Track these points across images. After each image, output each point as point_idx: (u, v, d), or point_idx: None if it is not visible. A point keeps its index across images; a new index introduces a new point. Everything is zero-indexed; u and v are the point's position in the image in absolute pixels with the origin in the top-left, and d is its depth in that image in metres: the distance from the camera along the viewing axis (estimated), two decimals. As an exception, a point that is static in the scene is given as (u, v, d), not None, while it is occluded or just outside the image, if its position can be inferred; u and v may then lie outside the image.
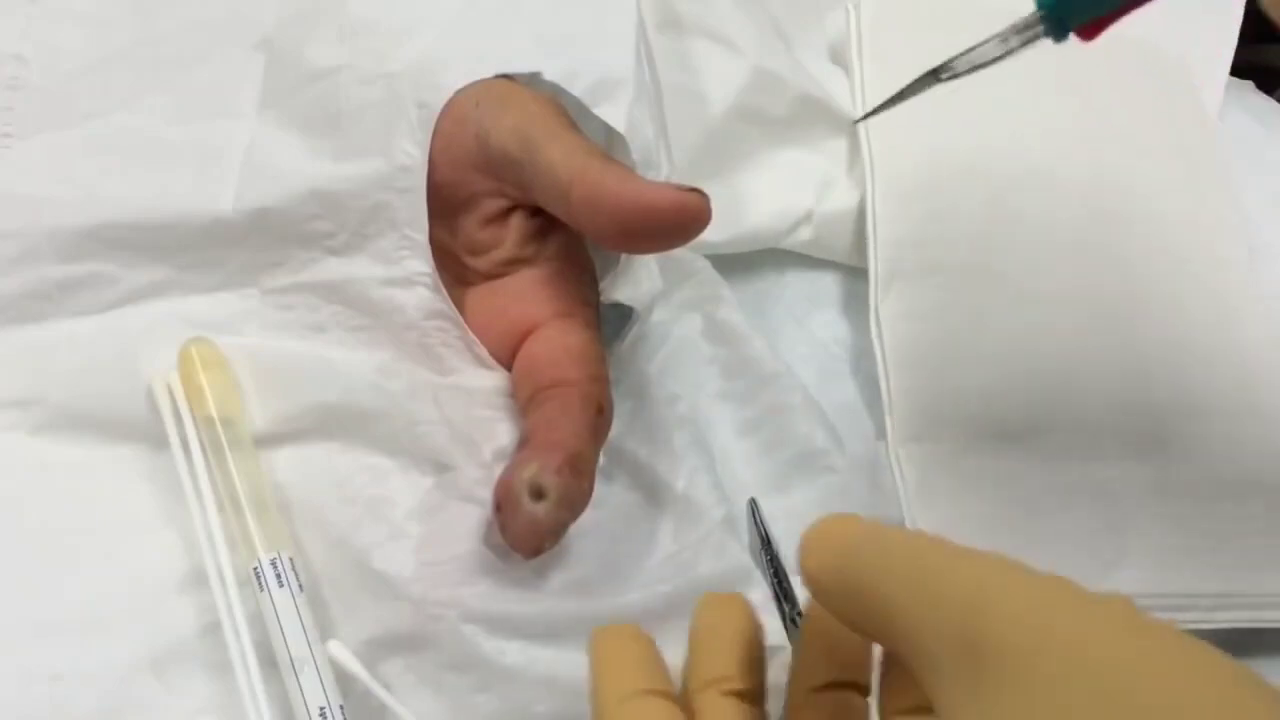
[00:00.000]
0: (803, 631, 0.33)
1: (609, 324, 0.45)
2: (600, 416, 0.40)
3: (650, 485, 0.45)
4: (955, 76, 0.32)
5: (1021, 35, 0.31)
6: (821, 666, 0.33)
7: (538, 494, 0.37)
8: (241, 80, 0.45)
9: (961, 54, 0.32)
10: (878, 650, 0.33)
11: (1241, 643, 0.46)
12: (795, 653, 0.34)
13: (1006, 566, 0.27)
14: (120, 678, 0.38)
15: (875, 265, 0.52)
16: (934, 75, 0.33)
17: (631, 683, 0.32)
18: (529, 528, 0.38)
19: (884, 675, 0.32)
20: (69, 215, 0.43)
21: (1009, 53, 0.32)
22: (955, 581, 0.27)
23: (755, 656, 0.33)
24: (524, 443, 0.40)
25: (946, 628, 0.27)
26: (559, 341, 0.41)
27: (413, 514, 0.40)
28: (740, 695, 0.32)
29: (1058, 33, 0.31)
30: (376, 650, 0.39)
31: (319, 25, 0.44)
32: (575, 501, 0.39)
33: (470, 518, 0.41)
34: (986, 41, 0.32)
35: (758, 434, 0.48)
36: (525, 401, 0.41)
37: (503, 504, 0.38)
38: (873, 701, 0.33)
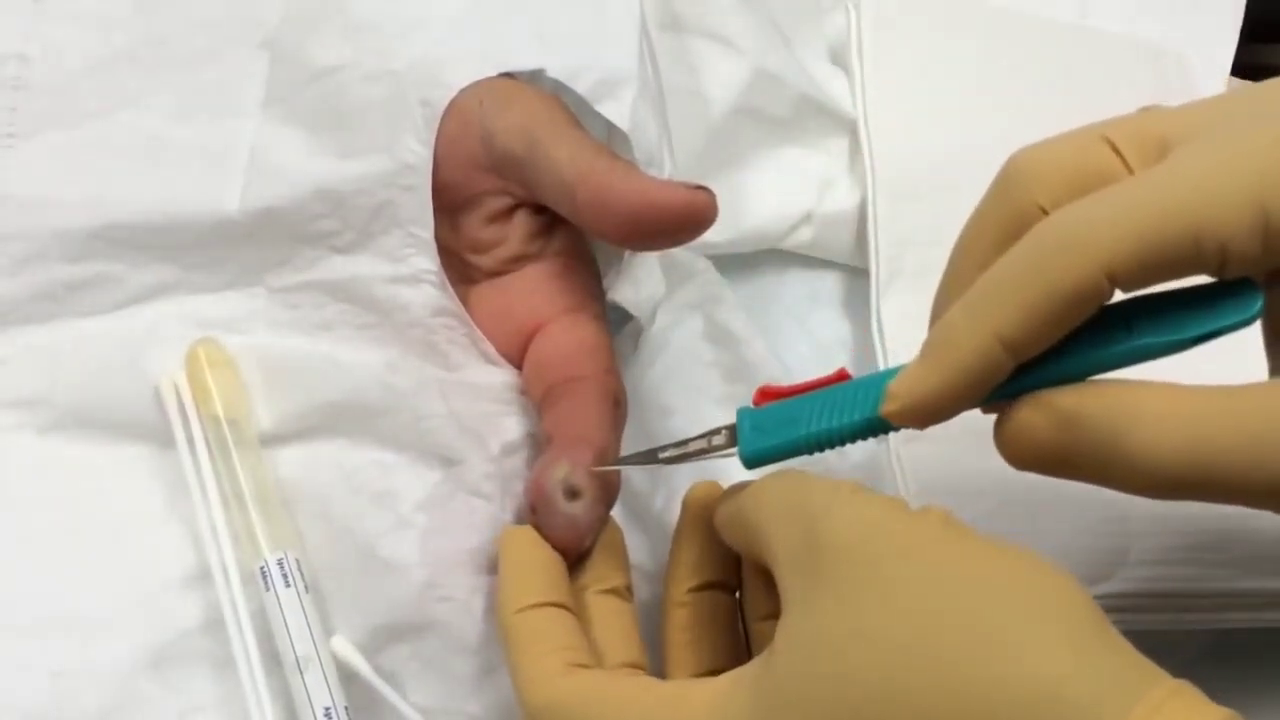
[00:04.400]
0: (677, 544, 0.40)
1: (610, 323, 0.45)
2: (618, 409, 0.41)
3: (628, 499, 0.45)
4: (670, 461, 0.39)
5: (721, 450, 0.38)
6: (695, 570, 0.40)
7: (572, 493, 0.38)
8: (245, 79, 0.44)
9: (676, 443, 0.39)
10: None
11: (1242, 642, 0.47)
12: (672, 560, 0.40)
13: (850, 490, 0.34)
14: (122, 675, 0.38)
15: (876, 265, 0.52)
16: (653, 454, 0.39)
17: (529, 594, 0.37)
18: (569, 527, 0.38)
19: (746, 586, 0.40)
20: (74, 216, 0.43)
21: (709, 453, 0.38)
22: (805, 501, 0.34)
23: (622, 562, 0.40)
24: (546, 441, 0.40)
25: (796, 535, 0.33)
26: (570, 336, 0.42)
27: (420, 506, 0.41)
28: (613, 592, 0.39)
29: (747, 466, 0.38)
30: (380, 639, 0.39)
31: (322, 24, 0.43)
32: (608, 495, 0.39)
33: (477, 512, 0.41)
34: (697, 439, 0.39)
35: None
36: (540, 398, 0.41)
37: (538, 506, 0.38)
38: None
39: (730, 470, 0.44)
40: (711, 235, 0.40)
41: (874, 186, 0.53)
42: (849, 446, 0.49)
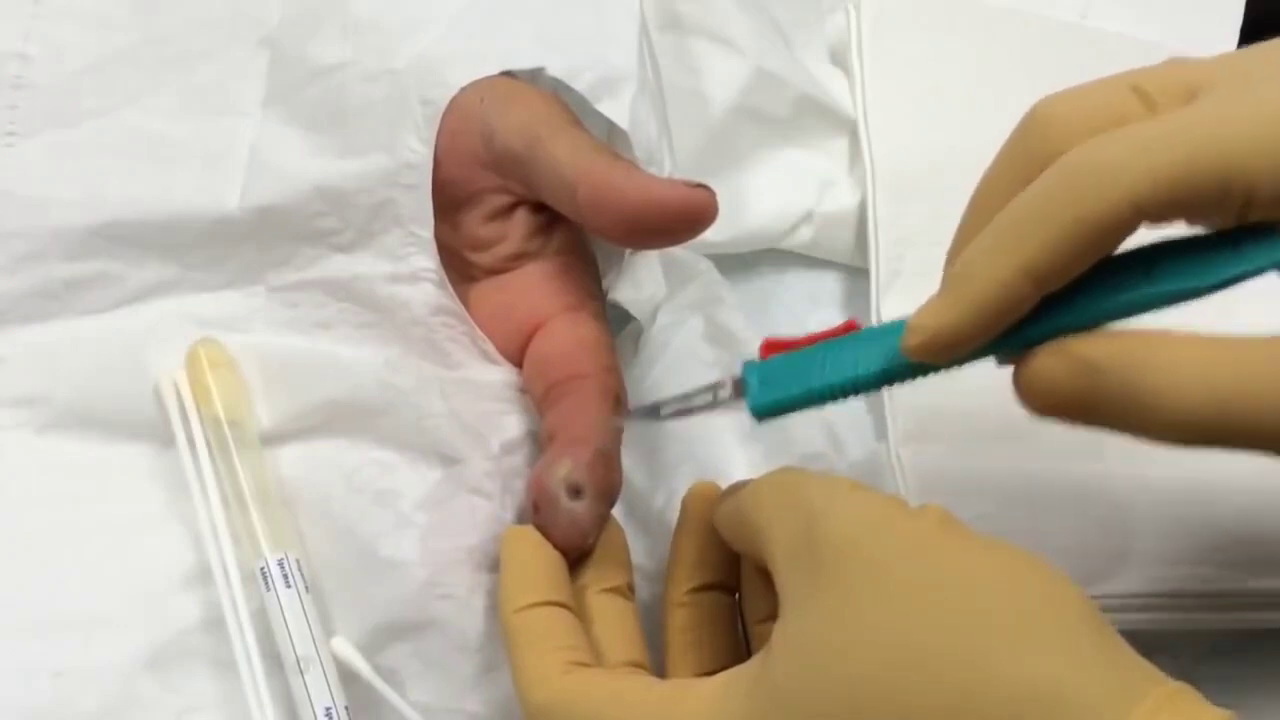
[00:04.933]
0: (677, 544, 0.40)
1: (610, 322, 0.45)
2: (619, 407, 0.41)
3: (628, 499, 0.45)
4: (673, 416, 0.38)
5: (727, 404, 0.37)
6: (695, 571, 0.40)
7: (575, 491, 0.38)
8: (245, 78, 0.45)
9: (678, 398, 0.39)
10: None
11: (1242, 643, 0.47)
12: (672, 561, 0.40)
13: (849, 488, 0.34)
14: (122, 675, 0.39)
15: (876, 265, 0.52)
16: (655, 409, 0.39)
17: (530, 594, 0.37)
18: (571, 526, 0.38)
19: (745, 587, 0.40)
20: (74, 214, 0.43)
21: (715, 407, 0.38)
22: (805, 499, 0.34)
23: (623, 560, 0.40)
24: (547, 440, 0.40)
25: (794, 533, 0.33)
26: (570, 335, 0.41)
27: (420, 504, 0.41)
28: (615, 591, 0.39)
29: (757, 419, 0.37)
30: (382, 638, 0.40)
31: (322, 22, 0.44)
32: (610, 493, 0.39)
33: (478, 510, 0.41)
34: (701, 392, 0.38)
35: (758, 439, 0.48)
36: (540, 397, 0.41)
37: (540, 505, 0.39)
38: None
39: (731, 470, 0.45)
40: (711, 235, 0.40)
41: (874, 186, 0.53)
42: (849, 444, 0.49)
